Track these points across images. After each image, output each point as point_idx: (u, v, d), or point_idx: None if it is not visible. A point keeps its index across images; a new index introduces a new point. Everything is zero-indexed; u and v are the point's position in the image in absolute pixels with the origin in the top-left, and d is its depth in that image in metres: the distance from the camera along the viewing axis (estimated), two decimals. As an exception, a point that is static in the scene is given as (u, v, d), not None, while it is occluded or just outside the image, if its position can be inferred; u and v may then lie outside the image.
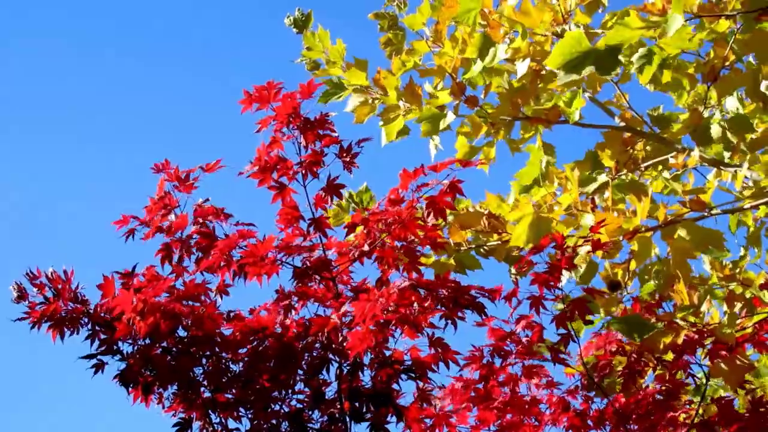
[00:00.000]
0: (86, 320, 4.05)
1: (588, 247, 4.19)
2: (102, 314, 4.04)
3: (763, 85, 4.35)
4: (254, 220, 4.18)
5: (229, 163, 4.26)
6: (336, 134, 4.07)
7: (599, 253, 4.53)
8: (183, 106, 14.20)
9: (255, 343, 4.06)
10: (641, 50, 4.45)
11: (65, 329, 4.03)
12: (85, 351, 4.06)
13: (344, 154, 4.05)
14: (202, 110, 13.76)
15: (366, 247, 3.96)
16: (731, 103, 5.24)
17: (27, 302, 4.04)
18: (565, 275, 4.74)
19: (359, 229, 4.08)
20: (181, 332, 4.07)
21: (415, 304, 3.82)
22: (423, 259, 5.10)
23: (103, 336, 4.05)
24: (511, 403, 4.03)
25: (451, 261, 5.27)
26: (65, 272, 4.08)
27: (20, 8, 13.54)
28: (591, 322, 4.17)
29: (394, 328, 3.92)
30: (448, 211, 4.05)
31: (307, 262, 4.05)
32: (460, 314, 3.90)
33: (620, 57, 4.18)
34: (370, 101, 5.58)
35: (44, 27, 13.63)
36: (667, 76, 4.93)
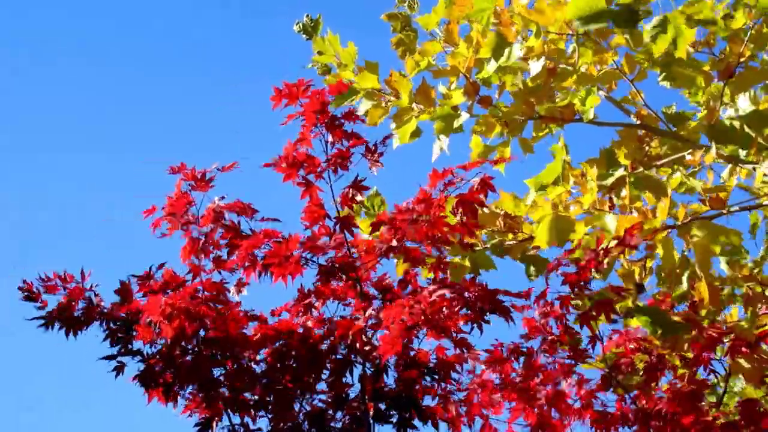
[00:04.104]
0: (100, 320, 4.03)
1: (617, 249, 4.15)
2: (121, 314, 4.01)
3: None
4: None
5: (222, 162, 4.24)
6: (362, 133, 4.06)
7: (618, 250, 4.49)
8: (183, 106, 14.19)
9: (278, 344, 4.02)
10: (655, 18, 4.41)
11: (78, 329, 4.02)
12: (102, 351, 4.07)
13: (370, 153, 4.03)
14: (202, 110, 13.75)
15: (394, 242, 3.91)
16: (743, 103, 5.21)
17: (39, 302, 4.03)
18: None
19: (383, 228, 4.04)
20: (201, 332, 4.05)
21: (444, 309, 3.78)
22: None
23: (119, 336, 4.02)
24: (550, 399, 4.00)
25: (466, 262, 5.23)
26: (82, 273, 4.07)
27: (20, 8, 13.51)
28: (615, 321, 4.14)
29: (419, 329, 3.89)
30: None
31: (333, 261, 4.01)
32: (485, 318, 3.87)
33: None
34: (383, 104, 5.54)
35: (44, 27, 13.62)
36: (681, 51, 4.79)
